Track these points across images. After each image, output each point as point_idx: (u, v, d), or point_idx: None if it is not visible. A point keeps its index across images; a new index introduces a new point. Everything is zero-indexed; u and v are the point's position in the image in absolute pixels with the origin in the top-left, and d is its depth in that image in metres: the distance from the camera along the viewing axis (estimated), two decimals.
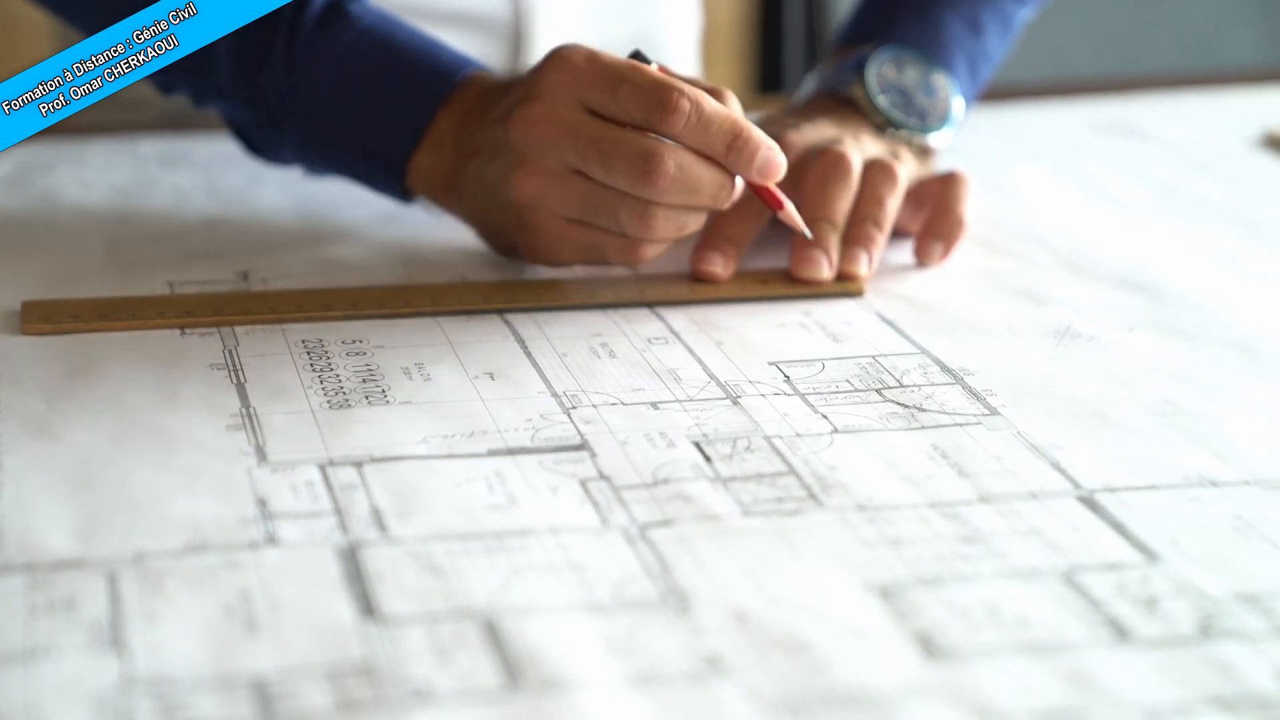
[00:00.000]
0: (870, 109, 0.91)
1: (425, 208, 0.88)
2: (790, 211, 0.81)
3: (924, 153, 0.92)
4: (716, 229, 0.84)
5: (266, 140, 0.89)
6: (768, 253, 0.85)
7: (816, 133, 0.89)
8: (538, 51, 1.15)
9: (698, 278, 0.83)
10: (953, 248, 0.87)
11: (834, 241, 0.83)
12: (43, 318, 0.76)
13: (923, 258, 0.87)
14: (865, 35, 0.96)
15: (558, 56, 0.78)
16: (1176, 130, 1.13)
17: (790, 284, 0.83)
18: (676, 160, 0.76)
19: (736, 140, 0.76)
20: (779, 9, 1.88)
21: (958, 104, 0.93)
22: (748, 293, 0.82)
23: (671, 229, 0.78)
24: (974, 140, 0.89)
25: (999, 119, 1.14)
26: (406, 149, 0.84)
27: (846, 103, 0.92)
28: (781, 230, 0.84)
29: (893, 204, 0.85)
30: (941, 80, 0.93)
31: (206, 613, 0.55)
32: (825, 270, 0.83)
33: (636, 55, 0.78)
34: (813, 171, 0.85)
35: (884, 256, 0.87)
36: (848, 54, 0.94)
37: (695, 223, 0.80)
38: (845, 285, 0.83)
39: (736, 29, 2.15)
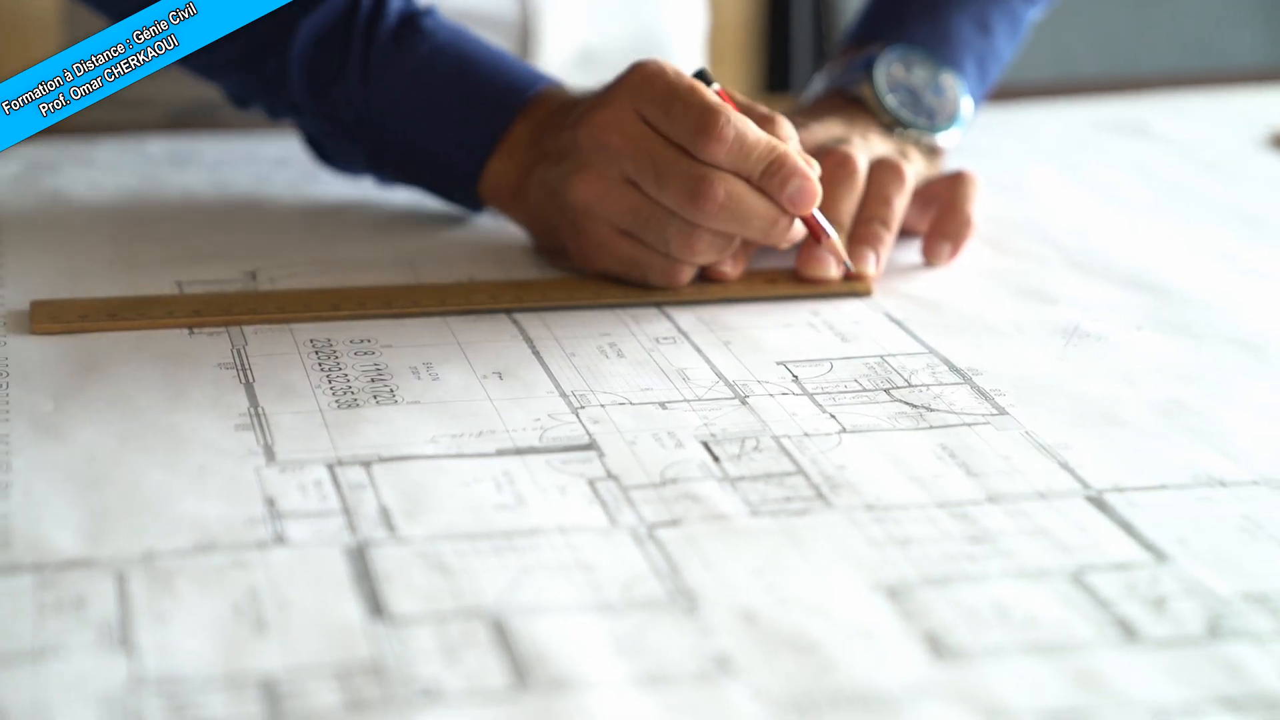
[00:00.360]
0: (878, 108, 0.91)
1: (493, 214, 0.90)
2: (836, 244, 0.82)
3: (932, 152, 0.92)
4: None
5: (339, 149, 0.90)
6: (775, 253, 0.85)
7: (824, 132, 0.89)
8: (546, 50, 1.15)
9: (707, 277, 0.83)
10: (961, 247, 0.87)
11: (840, 241, 0.83)
12: (51, 317, 0.76)
13: (931, 257, 0.87)
14: (873, 35, 0.96)
15: (635, 68, 0.80)
16: (1183, 130, 1.13)
17: (798, 284, 0.83)
18: (727, 189, 0.77)
19: (771, 167, 0.77)
20: (787, 8, 1.88)
21: (966, 104, 0.93)
22: (755, 292, 0.82)
23: (714, 254, 0.80)
24: (981, 140, 0.89)
25: (1006, 119, 1.14)
26: (481, 157, 0.85)
27: (855, 102, 0.92)
28: None
29: (900, 203, 0.86)
30: (950, 80, 0.93)
31: (215, 612, 0.55)
32: (832, 269, 0.83)
33: (700, 75, 0.79)
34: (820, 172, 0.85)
35: (892, 256, 0.87)
36: (856, 54, 0.94)
37: (739, 254, 0.81)
38: (853, 285, 0.83)
39: (744, 28, 2.15)
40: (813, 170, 0.79)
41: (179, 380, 0.71)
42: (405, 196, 0.93)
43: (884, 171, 0.86)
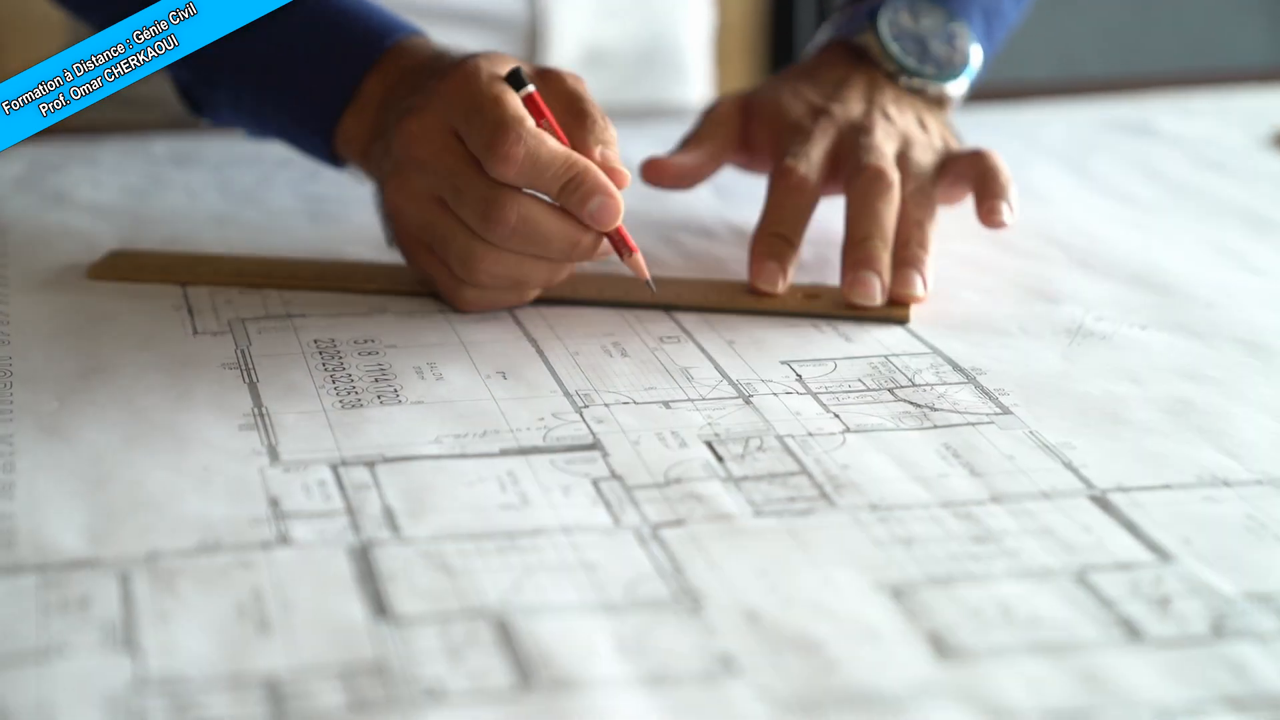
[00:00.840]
0: (882, 55, 0.89)
1: (353, 175, 0.87)
2: (638, 260, 0.76)
3: (940, 103, 0.91)
4: (769, 226, 0.82)
5: (205, 99, 0.87)
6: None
7: (844, 112, 0.86)
8: (554, 50, 1.15)
9: (754, 290, 0.80)
10: (1014, 202, 0.84)
11: (886, 261, 0.80)
12: (110, 269, 0.81)
13: (991, 219, 0.83)
14: None
15: (452, 71, 0.76)
16: (1188, 129, 1.13)
17: (836, 304, 0.80)
18: (520, 210, 0.73)
19: (569, 184, 0.73)
20: (790, 10, 1.88)
21: (975, 52, 0.91)
22: (789, 307, 0.79)
23: (501, 280, 0.76)
24: (986, 139, 0.89)
25: (1011, 118, 1.14)
26: (333, 111, 0.82)
27: (858, 52, 0.90)
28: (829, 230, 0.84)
29: (930, 228, 0.83)
30: (959, 28, 0.91)
31: (219, 612, 0.55)
32: (878, 294, 0.79)
33: (512, 76, 0.75)
34: (855, 188, 0.82)
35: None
36: (860, 5, 0.92)
37: (540, 276, 0.76)
38: (890, 311, 0.79)
39: (748, 30, 2.15)
40: (619, 178, 0.74)
41: (183, 380, 0.71)
42: None
43: (910, 195, 0.83)
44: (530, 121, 0.73)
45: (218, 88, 0.86)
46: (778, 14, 1.96)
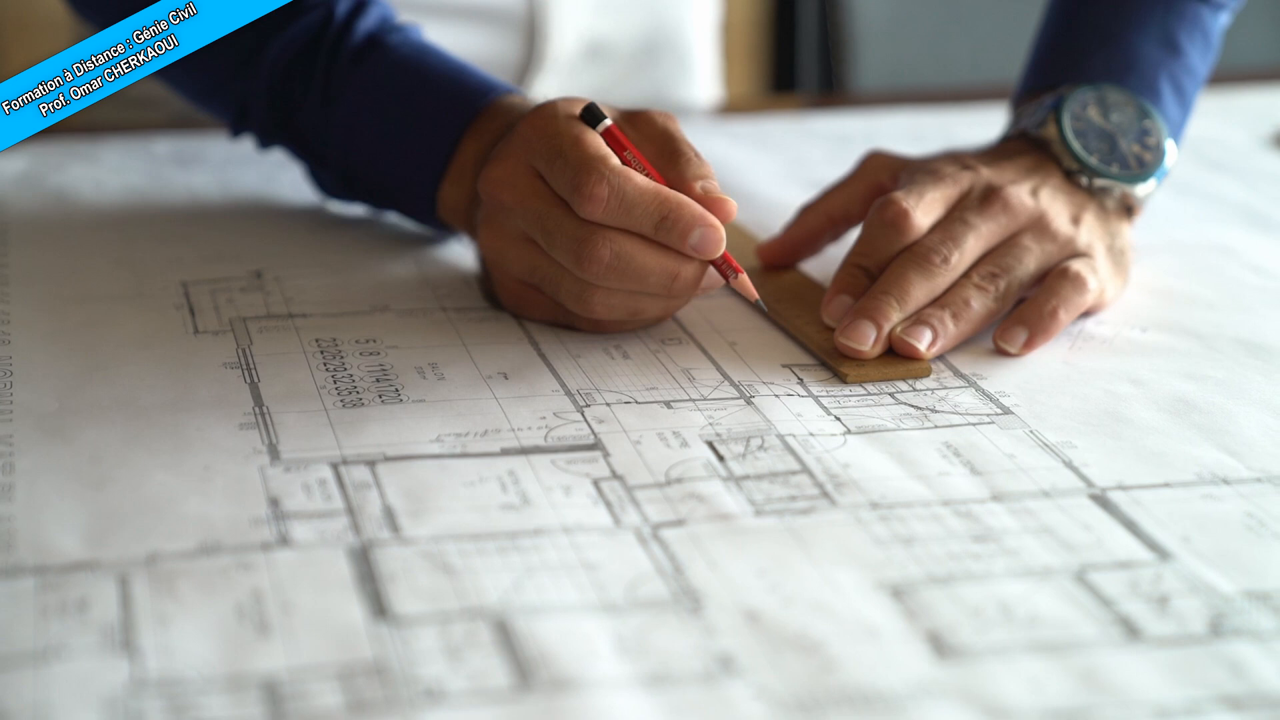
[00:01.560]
0: (1063, 151, 0.82)
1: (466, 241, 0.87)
2: (745, 282, 0.74)
3: (1126, 208, 0.83)
4: (853, 256, 0.77)
5: (320, 178, 0.88)
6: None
7: (976, 178, 0.80)
8: (553, 45, 1.15)
9: (844, 352, 0.74)
10: (1036, 343, 0.76)
11: (893, 319, 0.74)
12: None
13: (1000, 338, 0.76)
14: (1053, 76, 0.87)
15: (529, 117, 0.75)
16: (1190, 128, 1.13)
17: (862, 365, 0.74)
18: (614, 248, 0.72)
19: (665, 221, 0.71)
20: (793, 8, 1.88)
21: (1170, 150, 0.84)
22: (832, 359, 0.75)
23: (620, 312, 0.74)
24: (987, 137, 0.89)
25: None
26: (434, 179, 0.83)
27: (1039, 145, 0.83)
28: None
29: (976, 316, 0.76)
30: (1153, 125, 0.84)
31: (218, 614, 0.55)
32: (869, 342, 0.74)
33: (588, 113, 0.74)
34: (909, 251, 0.77)
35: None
36: (1042, 96, 0.86)
37: (655, 308, 0.75)
38: (910, 368, 0.74)
39: (751, 28, 2.15)
40: (726, 208, 0.73)
41: (184, 380, 0.72)
42: None
43: (979, 282, 0.77)
44: (614, 159, 0.72)
45: (329, 167, 0.87)
46: (780, 13, 1.96)
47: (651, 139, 0.76)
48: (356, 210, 0.93)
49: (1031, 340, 0.76)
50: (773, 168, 1.04)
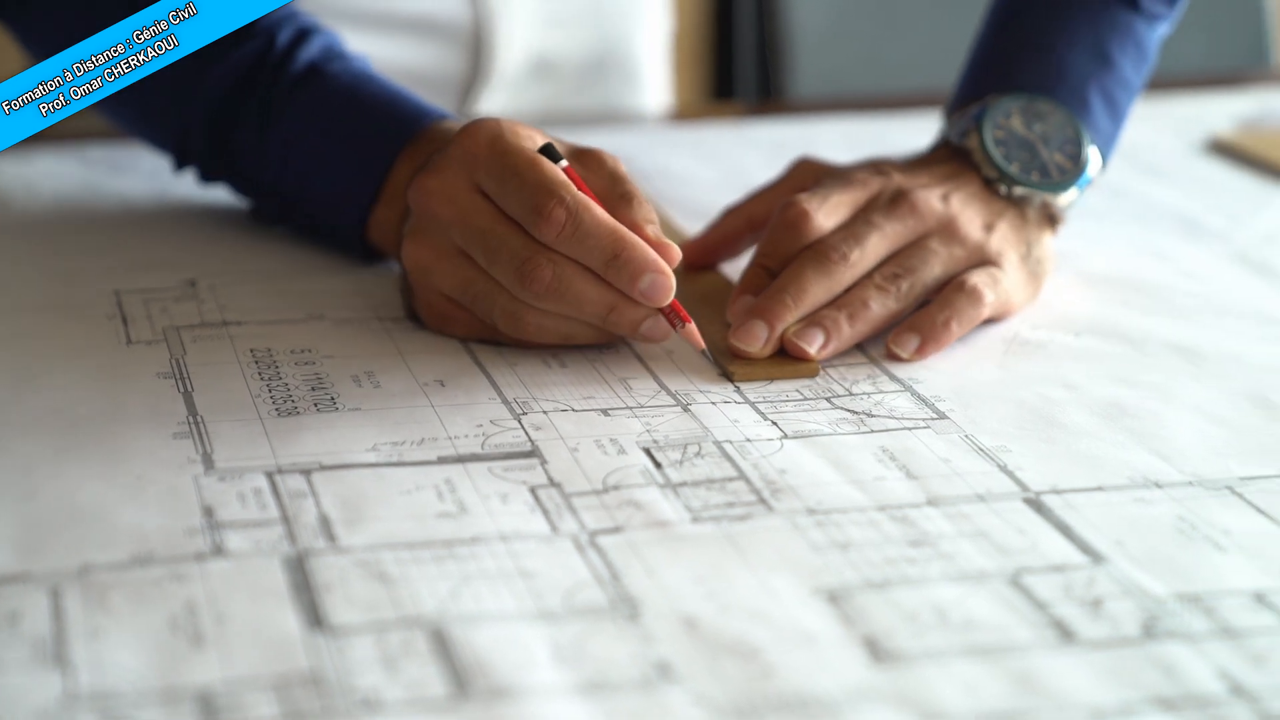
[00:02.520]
0: (983, 160, 0.82)
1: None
2: (693, 331, 0.74)
3: (1049, 217, 0.83)
4: (758, 257, 0.78)
5: (263, 212, 0.88)
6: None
7: (887, 183, 0.80)
8: (499, 60, 1.15)
9: (735, 353, 0.75)
10: (928, 351, 0.76)
11: (786, 319, 0.75)
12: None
13: (893, 342, 0.76)
14: (984, 85, 0.87)
15: (469, 129, 0.74)
16: (1124, 135, 1.14)
17: (746, 363, 0.74)
18: (557, 270, 0.71)
19: (617, 259, 0.71)
20: (731, 16, 1.89)
21: (1093, 159, 0.84)
22: (722, 359, 0.75)
23: (551, 336, 0.74)
24: (923, 144, 0.89)
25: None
26: (365, 204, 0.82)
27: (961, 154, 0.84)
28: None
29: (875, 318, 0.76)
30: (1076, 133, 0.84)
31: (151, 626, 0.54)
32: (759, 343, 0.74)
33: (547, 150, 0.74)
34: (807, 251, 0.77)
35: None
36: (970, 107, 0.86)
37: (586, 335, 0.74)
38: (798, 368, 0.74)
39: (690, 37, 2.15)
40: (671, 252, 0.73)
41: (116, 390, 0.71)
42: None
43: (879, 282, 0.77)
44: (574, 187, 0.72)
45: (265, 196, 0.86)
46: (719, 23, 1.97)
47: (601, 177, 0.75)
48: None
49: (923, 348, 0.76)
50: (710, 175, 1.04)
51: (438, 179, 0.74)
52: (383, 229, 0.82)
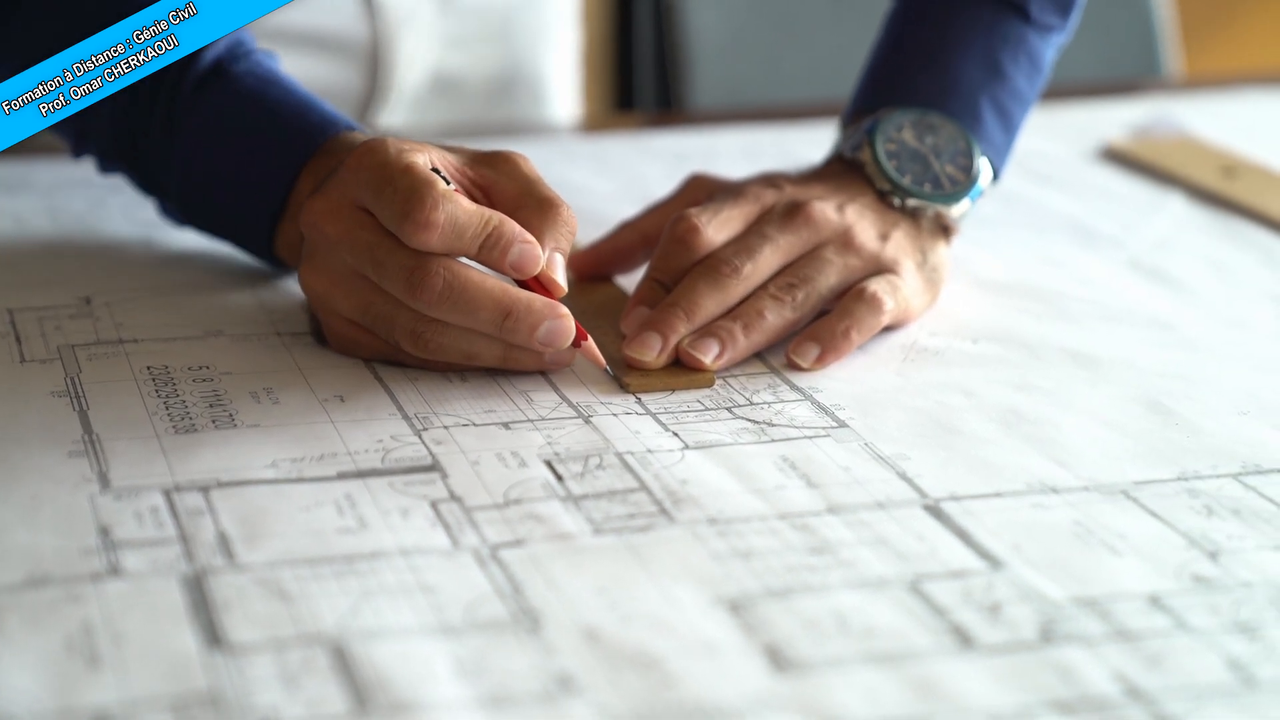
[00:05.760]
0: (876, 173, 0.83)
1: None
2: (591, 348, 0.74)
3: (943, 228, 0.84)
4: (651, 271, 0.78)
5: (167, 210, 0.86)
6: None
7: (780, 196, 0.81)
8: (398, 77, 1.14)
9: (630, 363, 0.75)
10: (828, 360, 0.77)
11: (680, 330, 0.75)
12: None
13: (793, 352, 0.77)
14: (877, 98, 0.88)
15: (358, 150, 0.73)
16: (1018, 143, 1.15)
17: (645, 374, 0.75)
18: (447, 276, 0.70)
19: (488, 241, 0.71)
20: (630, 27, 1.89)
21: (984, 171, 0.85)
22: (619, 372, 0.75)
23: (454, 354, 0.73)
24: (822, 154, 0.90)
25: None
26: (272, 219, 0.81)
27: (854, 167, 0.84)
28: None
29: (771, 327, 0.77)
30: (967, 145, 0.85)
31: (47, 648, 0.53)
32: (653, 352, 0.74)
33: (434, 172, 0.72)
34: (702, 264, 0.78)
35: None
36: (863, 120, 0.86)
37: (490, 352, 0.73)
38: (693, 378, 0.74)
39: (593, 49, 2.15)
40: (555, 293, 0.72)
41: (9, 409, 0.70)
42: None
43: (774, 292, 0.78)
44: (442, 184, 0.71)
45: (168, 196, 0.85)
46: (618, 31, 1.97)
47: (514, 181, 0.75)
48: (190, 236, 0.92)
49: (823, 357, 0.77)
50: (609, 186, 1.04)
51: (325, 201, 0.73)
52: (290, 244, 0.81)
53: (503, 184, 0.75)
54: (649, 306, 0.77)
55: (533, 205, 0.74)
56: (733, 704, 0.52)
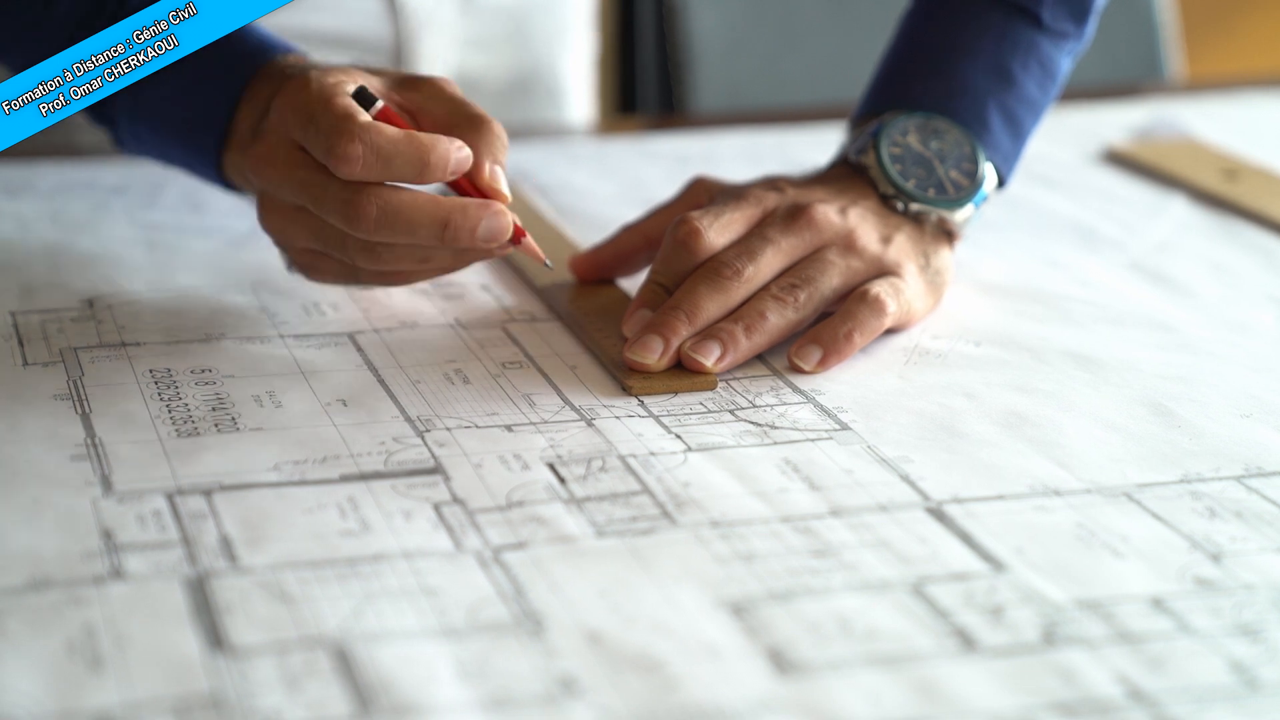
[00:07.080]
0: (880, 177, 0.83)
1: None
2: (530, 244, 0.75)
3: (946, 233, 0.84)
4: (653, 274, 0.78)
5: (116, 136, 0.86)
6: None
7: (782, 198, 0.81)
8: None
9: (631, 366, 0.75)
10: (830, 363, 0.77)
11: (681, 333, 0.75)
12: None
13: (794, 354, 0.77)
14: (884, 102, 0.87)
15: (286, 85, 0.75)
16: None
17: (646, 377, 0.75)
18: (380, 202, 0.72)
19: (422, 161, 0.72)
20: (632, 30, 1.89)
21: (989, 177, 0.85)
22: (625, 378, 0.75)
23: (407, 262, 0.74)
24: (824, 157, 0.90)
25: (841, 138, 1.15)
26: (216, 150, 0.82)
27: (858, 170, 0.84)
28: None
29: (773, 329, 0.77)
30: (972, 150, 0.85)
31: (49, 651, 0.53)
32: (654, 355, 0.74)
33: (360, 93, 0.74)
34: (705, 265, 0.77)
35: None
36: (869, 123, 0.86)
37: (442, 259, 0.75)
38: (695, 381, 0.74)
39: (603, 58, 2.15)
40: (501, 199, 0.74)
41: (12, 412, 0.70)
42: (247, 222, 0.92)
43: (776, 293, 0.77)
44: (363, 115, 0.72)
45: (117, 126, 0.85)
46: (620, 34, 1.97)
47: (440, 103, 0.76)
48: (192, 238, 0.92)
49: (825, 360, 0.76)
50: (610, 189, 1.04)
51: (263, 145, 0.76)
52: (238, 170, 0.81)
53: (429, 106, 0.76)
54: (650, 309, 0.77)
55: (464, 123, 0.75)
56: (735, 707, 0.52)
